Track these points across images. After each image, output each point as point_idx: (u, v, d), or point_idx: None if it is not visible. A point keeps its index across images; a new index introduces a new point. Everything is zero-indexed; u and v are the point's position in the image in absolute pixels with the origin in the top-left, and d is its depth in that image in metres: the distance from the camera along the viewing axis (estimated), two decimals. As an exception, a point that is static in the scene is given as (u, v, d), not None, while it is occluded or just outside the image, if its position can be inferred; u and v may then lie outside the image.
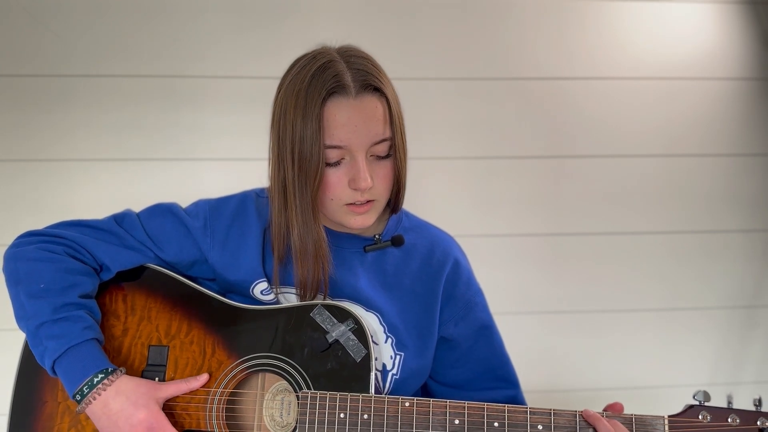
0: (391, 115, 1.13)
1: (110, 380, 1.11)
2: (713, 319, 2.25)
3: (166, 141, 2.12)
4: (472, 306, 1.29)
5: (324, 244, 1.18)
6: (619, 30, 2.24)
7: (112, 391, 1.11)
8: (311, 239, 1.16)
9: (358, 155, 1.11)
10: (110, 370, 1.12)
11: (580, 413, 1.10)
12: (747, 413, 1.07)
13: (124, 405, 1.10)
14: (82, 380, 1.10)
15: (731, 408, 1.09)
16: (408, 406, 1.12)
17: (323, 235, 1.18)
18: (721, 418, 1.07)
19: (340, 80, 1.09)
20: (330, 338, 1.16)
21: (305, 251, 1.17)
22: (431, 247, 1.30)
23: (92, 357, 1.12)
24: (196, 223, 1.25)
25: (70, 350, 1.11)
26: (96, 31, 2.11)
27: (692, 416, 1.08)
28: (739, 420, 1.07)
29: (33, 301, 1.14)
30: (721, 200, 2.25)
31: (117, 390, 1.11)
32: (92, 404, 1.10)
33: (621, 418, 1.09)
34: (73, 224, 1.25)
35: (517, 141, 2.21)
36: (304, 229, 1.16)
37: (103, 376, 1.11)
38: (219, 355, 1.20)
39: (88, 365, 1.11)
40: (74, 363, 1.11)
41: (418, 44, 2.18)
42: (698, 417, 1.08)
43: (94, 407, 1.10)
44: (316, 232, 1.16)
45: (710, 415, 1.08)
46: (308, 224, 1.16)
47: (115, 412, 1.10)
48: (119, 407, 1.10)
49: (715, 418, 1.07)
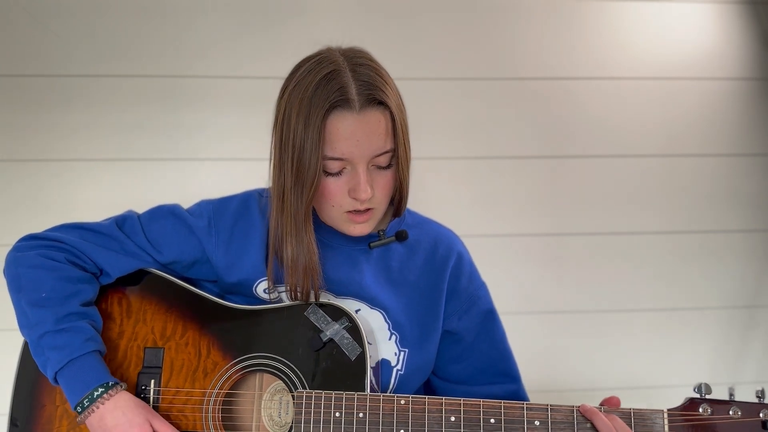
0: (394, 127, 1.13)
1: (109, 395, 1.12)
2: (713, 319, 2.24)
3: (167, 141, 2.12)
4: (476, 299, 1.30)
5: (315, 257, 1.18)
6: (619, 30, 2.24)
7: (110, 406, 1.12)
8: (303, 251, 1.17)
9: (359, 167, 1.11)
10: (110, 384, 1.13)
11: (577, 408, 1.09)
12: (749, 405, 1.05)
13: (120, 420, 1.11)
14: (83, 393, 1.12)
15: (733, 401, 1.07)
16: (404, 404, 1.11)
17: (314, 249, 1.18)
18: (723, 411, 1.05)
19: (344, 93, 1.08)
20: (324, 337, 1.16)
21: (296, 263, 1.17)
22: (435, 242, 1.30)
23: (93, 370, 1.14)
24: (199, 223, 1.26)
25: (72, 362, 1.13)
26: (97, 31, 2.11)
27: (692, 409, 1.07)
28: (741, 412, 1.05)
29: (35, 309, 1.15)
30: (721, 200, 2.25)
31: (115, 405, 1.12)
32: (91, 416, 1.12)
33: (619, 413, 1.08)
34: (74, 227, 1.25)
35: (518, 141, 2.20)
36: (296, 239, 1.16)
37: (103, 390, 1.12)
38: (214, 356, 1.20)
39: (88, 378, 1.13)
40: (76, 375, 1.13)
41: (418, 44, 2.18)
42: (699, 410, 1.06)
43: (92, 420, 1.12)
44: (307, 241, 1.17)
45: (711, 408, 1.06)
46: (300, 234, 1.16)
47: (111, 426, 1.11)
48: (115, 422, 1.11)
49: (716, 411, 1.05)
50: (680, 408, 1.08)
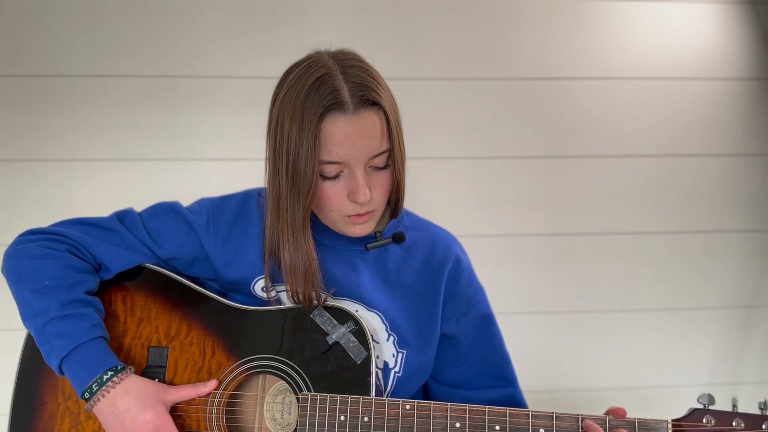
0: (389, 127, 1.12)
1: (120, 378, 1.11)
2: (713, 319, 2.25)
3: (166, 141, 2.12)
4: (474, 303, 1.30)
5: (314, 263, 1.17)
6: (619, 30, 2.24)
7: (120, 390, 1.10)
8: (301, 257, 1.16)
9: (356, 169, 1.11)
10: (119, 368, 1.12)
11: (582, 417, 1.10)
12: (752, 417, 1.05)
13: (132, 404, 1.10)
14: (91, 378, 1.10)
15: (736, 412, 1.07)
16: (409, 409, 1.12)
17: (314, 255, 1.17)
18: (726, 422, 1.06)
19: (337, 96, 1.07)
20: (330, 340, 1.16)
21: (295, 269, 1.17)
22: (432, 244, 1.30)
23: (101, 355, 1.12)
24: (199, 221, 1.26)
25: (78, 348, 1.11)
26: (96, 31, 2.10)
27: (696, 420, 1.07)
28: (744, 424, 1.06)
29: (39, 297, 1.14)
30: (721, 200, 2.25)
31: (126, 389, 1.11)
32: (100, 402, 1.10)
33: (624, 422, 1.08)
34: (75, 222, 1.25)
35: (518, 141, 2.20)
36: (294, 245, 1.16)
37: (112, 373, 1.11)
38: (219, 357, 1.19)
39: (96, 363, 1.11)
40: (83, 361, 1.11)
41: (417, 44, 2.17)
42: (702, 420, 1.07)
43: (102, 405, 1.10)
44: (306, 248, 1.16)
45: (714, 419, 1.07)
46: (298, 240, 1.16)
47: (123, 411, 1.10)
48: (127, 406, 1.10)
49: (719, 422, 1.06)
50: (684, 418, 1.09)
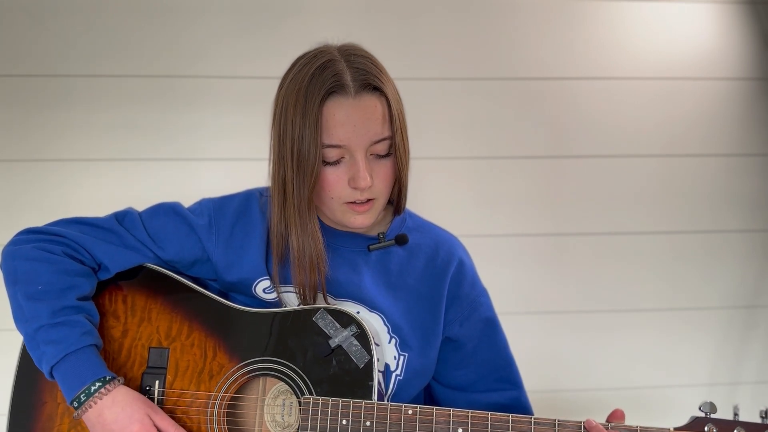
0: (391, 114, 1.13)
1: (107, 389, 1.11)
2: (713, 319, 2.25)
3: (165, 141, 2.12)
4: (477, 306, 1.29)
5: (320, 244, 1.18)
6: (619, 30, 2.23)
7: (108, 401, 1.10)
8: (308, 239, 1.17)
9: (357, 154, 1.12)
10: (108, 378, 1.12)
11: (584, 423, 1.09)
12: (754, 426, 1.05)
13: (119, 416, 1.10)
14: (79, 388, 1.10)
15: (738, 420, 1.07)
16: (411, 414, 1.11)
17: (319, 236, 1.18)
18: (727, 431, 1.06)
19: (339, 79, 1.09)
20: (333, 343, 1.15)
21: (302, 254, 1.17)
22: (436, 247, 1.30)
23: (90, 364, 1.12)
24: (200, 222, 1.25)
25: (68, 356, 1.11)
26: (95, 31, 2.10)
27: (698, 428, 1.07)
28: (745, 433, 1.06)
29: (31, 303, 1.14)
30: (721, 200, 2.25)
31: (113, 400, 1.11)
32: (88, 412, 1.10)
33: (626, 429, 1.08)
34: (73, 222, 1.25)
35: (518, 141, 2.20)
36: (301, 228, 1.16)
37: (100, 384, 1.11)
38: (220, 359, 1.19)
39: (85, 373, 1.11)
40: (72, 370, 1.11)
41: (418, 44, 2.17)
42: (704, 429, 1.07)
43: (90, 415, 1.10)
44: (312, 229, 1.17)
45: (716, 428, 1.06)
46: (305, 222, 1.16)
47: (110, 422, 1.10)
48: (113, 418, 1.10)
49: (721, 431, 1.06)
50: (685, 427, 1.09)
